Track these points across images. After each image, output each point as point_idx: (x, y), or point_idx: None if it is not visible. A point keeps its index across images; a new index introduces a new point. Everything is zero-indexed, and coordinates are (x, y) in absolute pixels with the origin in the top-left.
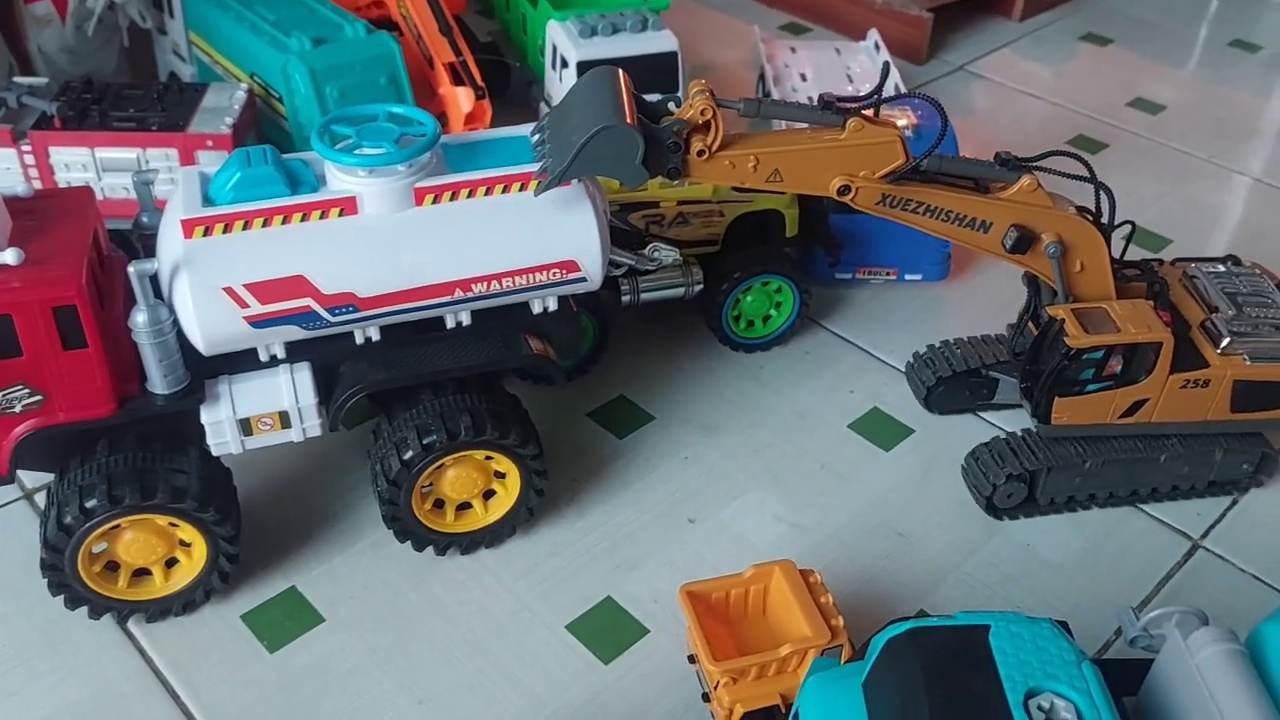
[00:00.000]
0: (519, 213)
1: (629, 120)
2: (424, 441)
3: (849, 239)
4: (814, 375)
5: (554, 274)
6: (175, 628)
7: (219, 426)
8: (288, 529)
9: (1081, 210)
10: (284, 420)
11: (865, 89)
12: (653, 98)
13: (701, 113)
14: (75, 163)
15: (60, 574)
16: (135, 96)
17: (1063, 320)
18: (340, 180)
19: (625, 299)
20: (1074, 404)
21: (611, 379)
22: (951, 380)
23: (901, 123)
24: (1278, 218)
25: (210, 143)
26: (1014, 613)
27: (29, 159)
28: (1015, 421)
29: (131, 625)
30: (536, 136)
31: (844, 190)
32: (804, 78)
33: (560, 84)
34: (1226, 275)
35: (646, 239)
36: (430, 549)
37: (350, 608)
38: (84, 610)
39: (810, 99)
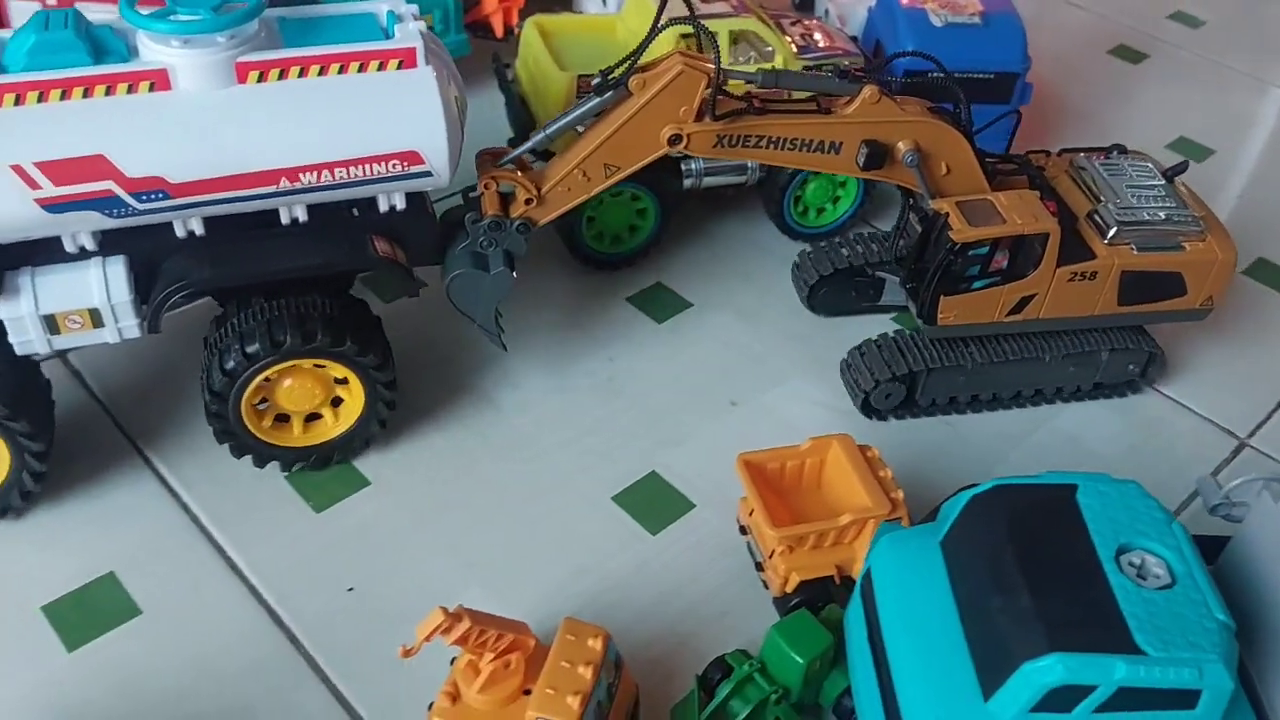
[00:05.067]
0: (355, 97)
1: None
2: (247, 350)
3: None
4: None
5: (394, 166)
6: (218, 485)
7: (19, 323)
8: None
9: (935, 111)
10: (95, 318)
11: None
12: None
13: (494, 191)
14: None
15: None
16: None
17: (946, 215)
18: (153, 51)
19: (687, 183)
20: (961, 302)
21: (649, 265)
22: (835, 279)
23: (968, 12)
24: None
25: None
26: (1100, 473)
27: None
28: None
29: (173, 482)
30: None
31: (675, 140)
32: None
33: None
34: (1114, 165)
35: None
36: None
37: (395, 474)
38: (123, 469)
39: (828, 10)
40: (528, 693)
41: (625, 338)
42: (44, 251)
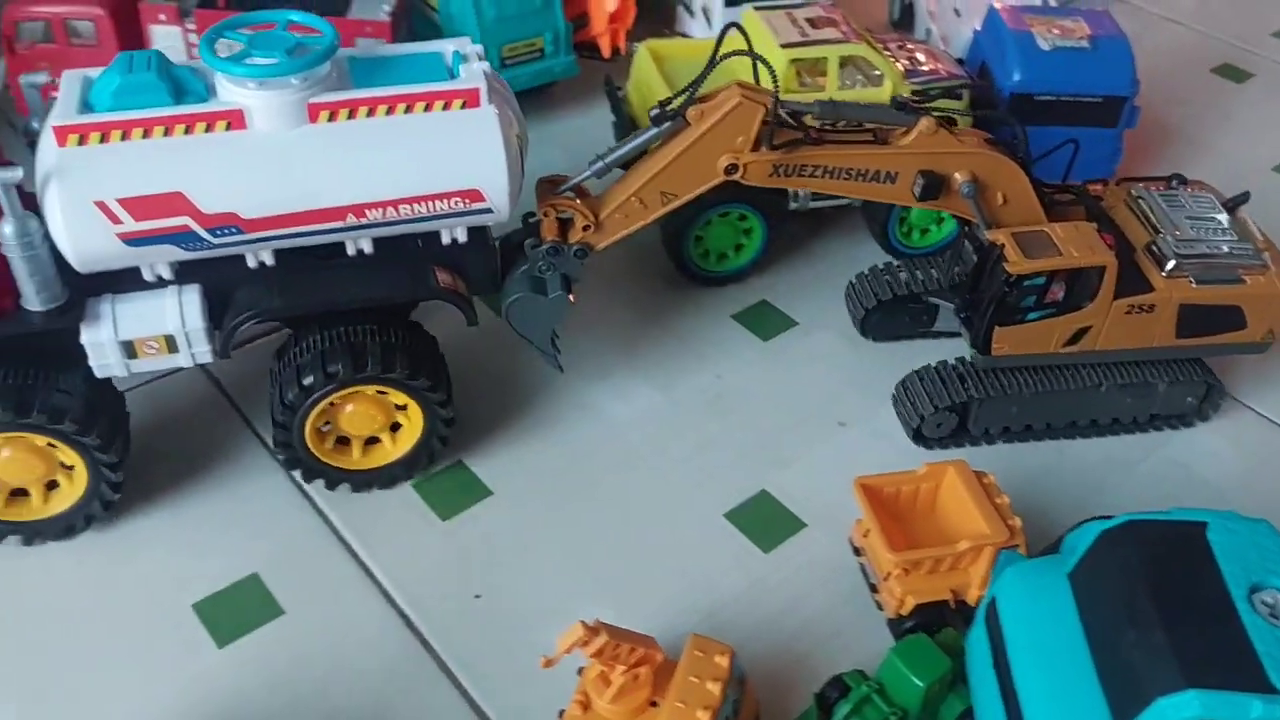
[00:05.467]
0: (420, 136)
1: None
2: (316, 375)
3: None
4: None
5: (456, 203)
6: (350, 493)
7: (100, 348)
8: (456, 401)
9: (992, 143)
10: (170, 344)
11: (1008, 1)
12: (793, 2)
13: (553, 218)
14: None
15: None
16: None
17: (1002, 245)
18: (230, 92)
19: (793, 204)
20: (1015, 333)
21: (754, 283)
22: (889, 304)
23: (1076, 35)
24: None
25: (369, 29)
26: (1229, 511)
27: (192, 37)
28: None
29: (308, 488)
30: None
31: (731, 169)
32: None
33: None
34: (1173, 195)
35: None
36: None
37: (515, 484)
38: (263, 477)
39: (929, 31)
40: (654, 704)
41: (732, 355)
42: (124, 280)
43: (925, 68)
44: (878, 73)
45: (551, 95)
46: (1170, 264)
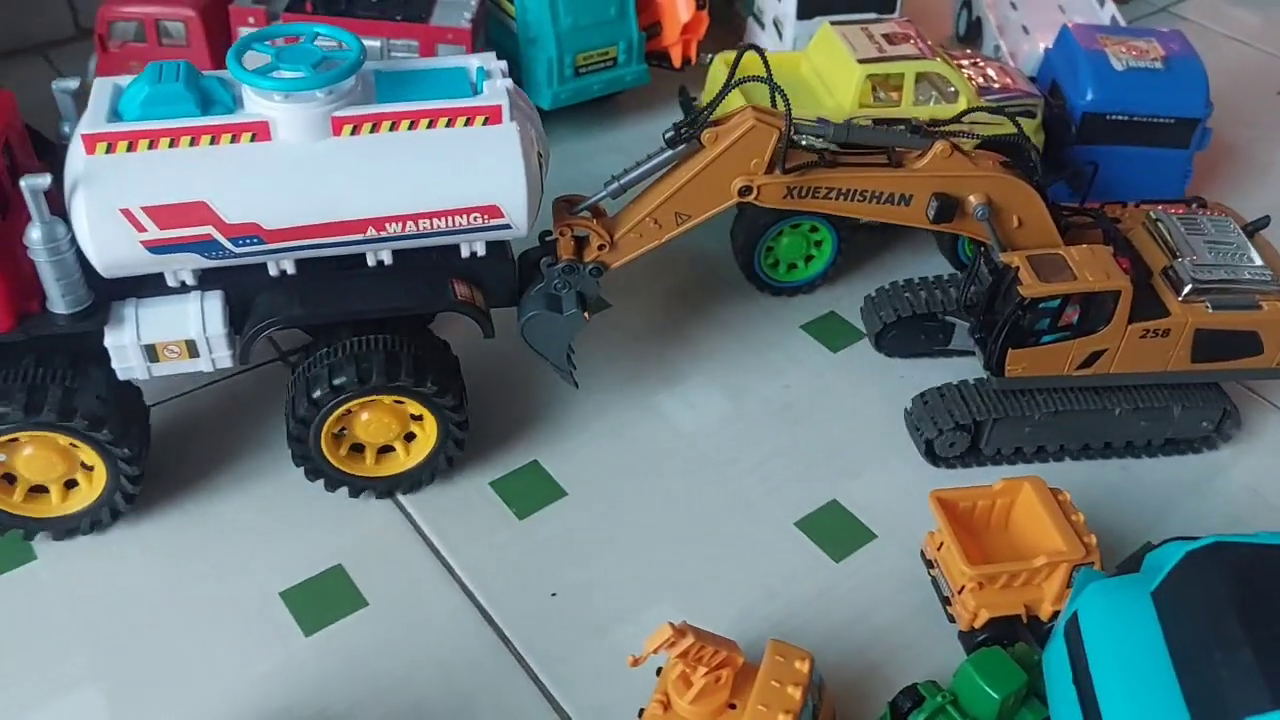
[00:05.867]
0: (441, 151)
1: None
2: (334, 382)
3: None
4: None
5: (475, 219)
6: (429, 489)
7: (122, 351)
8: (530, 404)
9: (1007, 166)
10: (191, 349)
11: (1076, 20)
12: (867, 17)
13: (569, 237)
14: None
15: None
16: None
17: (1016, 268)
18: (256, 103)
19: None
20: (1029, 355)
21: (823, 294)
22: (905, 322)
23: (1150, 56)
24: None
25: (450, 35)
26: None
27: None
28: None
29: None
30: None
31: (745, 191)
32: (1014, 6)
33: (777, 0)
34: (1192, 219)
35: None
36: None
37: (589, 486)
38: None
39: (998, 47)
40: (732, 707)
41: (801, 365)
42: (148, 285)
43: (998, 84)
44: (952, 89)
45: (617, 103)
46: (1186, 289)
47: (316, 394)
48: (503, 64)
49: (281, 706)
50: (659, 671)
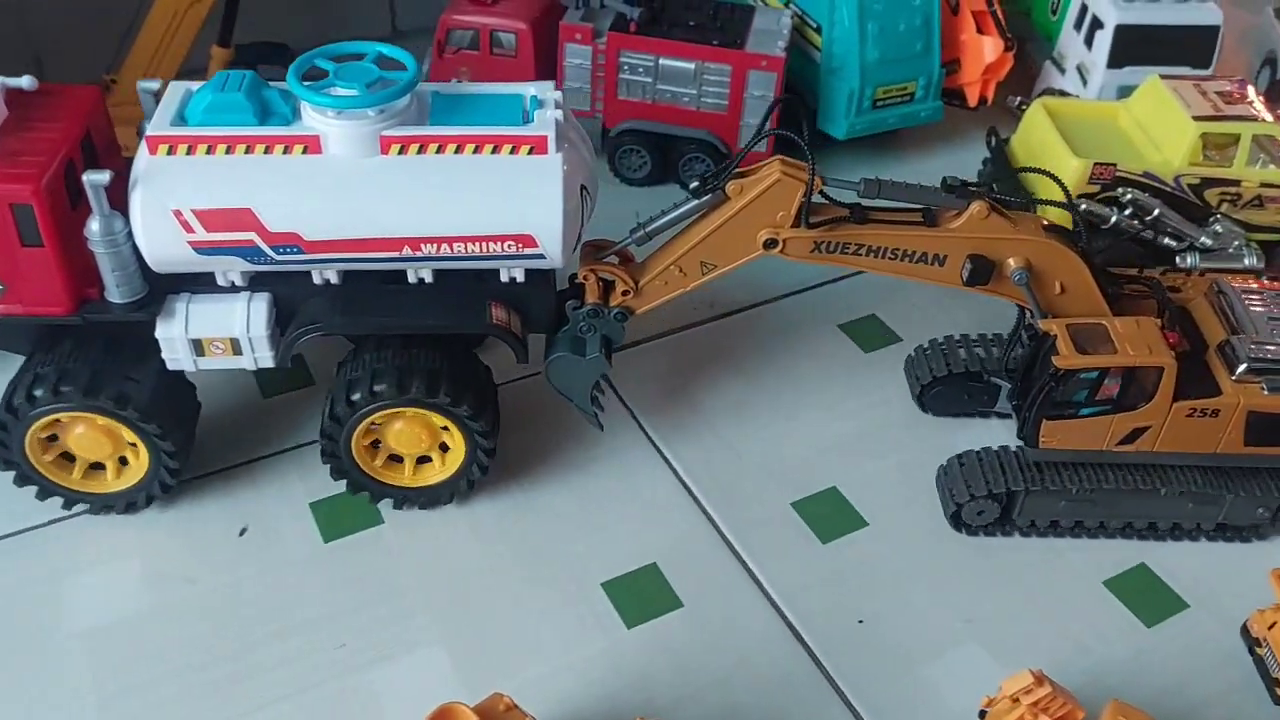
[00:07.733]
0: (482, 177)
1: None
2: (374, 389)
3: None
4: None
5: (509, 246)
6: (727, 496)
7: (171, 343)
8: (828, 430)
9: (1052, 230)
10: (235, 347)
11: None
12: (1182, 70)
13: (595, 280)
14: (640, 66)
15: (6, 450)
16: (694, 11)
17: (1054, 337)
18: (311, 118)
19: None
20: (1065, 427)
21: (864, 297)
22: (948, 380)
23: None
24: None
25: (764, 63)
26: None
27: (600, 58)
28: None
29: (691, 486)
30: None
31: (770, 244)
32: None
33: (1085, 46)
34: (1260, 292)
35: (1214, 216)
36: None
37: (889, 516)
38: (649, 468)
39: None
40: None
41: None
42: (201, 282)
43: None
44: None
45: (899, 135)
46: (1241, 368)
47: (355, 396)
48: (558, 94)
49: (607, 692)
50: (982, 715)
